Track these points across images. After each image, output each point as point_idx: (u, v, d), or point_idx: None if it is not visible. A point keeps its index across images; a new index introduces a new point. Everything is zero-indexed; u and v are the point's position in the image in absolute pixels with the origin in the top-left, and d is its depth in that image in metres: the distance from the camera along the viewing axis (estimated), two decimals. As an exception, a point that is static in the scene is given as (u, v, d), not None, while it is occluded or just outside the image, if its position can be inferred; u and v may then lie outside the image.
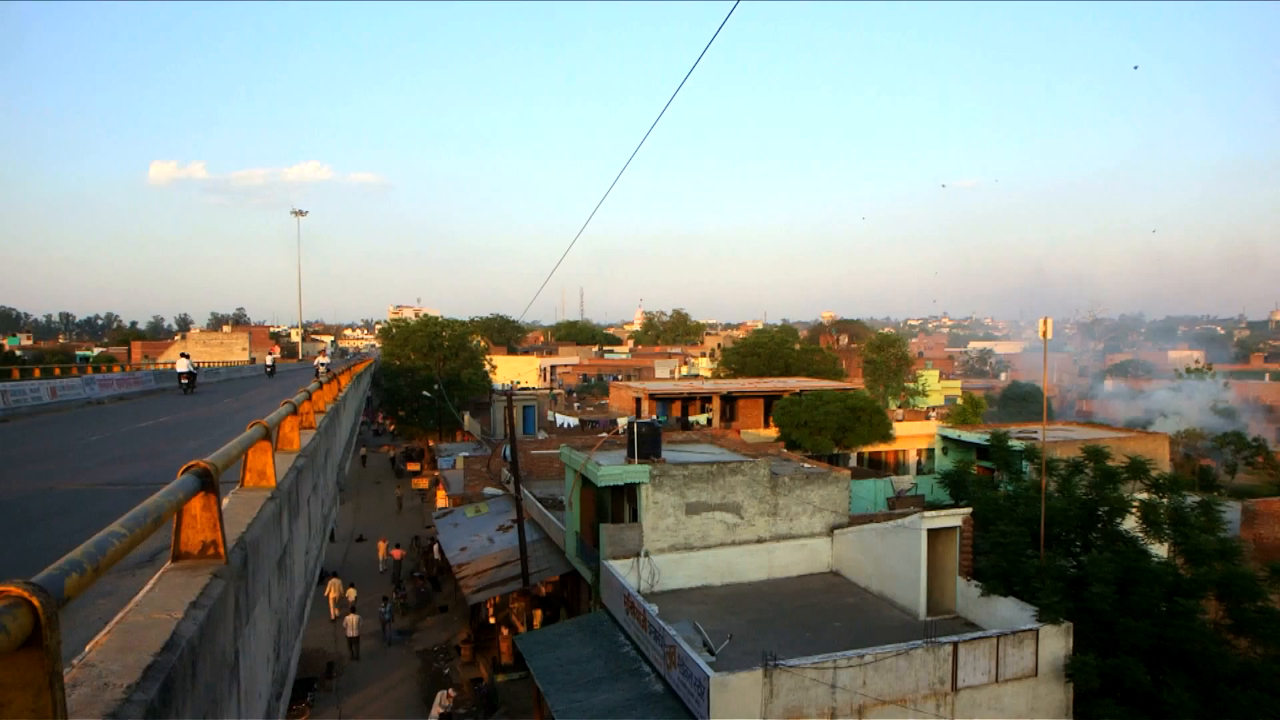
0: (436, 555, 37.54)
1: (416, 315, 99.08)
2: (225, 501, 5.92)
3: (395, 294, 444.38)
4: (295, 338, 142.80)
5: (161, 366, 58.89)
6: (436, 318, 77.69)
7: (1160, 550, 21.24)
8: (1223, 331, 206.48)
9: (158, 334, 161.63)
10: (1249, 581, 18.66)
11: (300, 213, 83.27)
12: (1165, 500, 21.32)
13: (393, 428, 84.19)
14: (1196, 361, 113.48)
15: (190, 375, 34.85)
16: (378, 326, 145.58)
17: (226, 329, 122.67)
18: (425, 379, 63.89)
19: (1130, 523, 21.41)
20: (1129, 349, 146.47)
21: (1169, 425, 66.83)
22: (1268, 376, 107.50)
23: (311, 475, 10.66)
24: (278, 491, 6.82)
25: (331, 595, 33.24)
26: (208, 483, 4.16)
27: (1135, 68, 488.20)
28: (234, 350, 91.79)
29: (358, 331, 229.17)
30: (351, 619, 30.65)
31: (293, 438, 9.93)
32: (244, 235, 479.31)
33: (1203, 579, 18.94)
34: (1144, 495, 21.73)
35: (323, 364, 40.61)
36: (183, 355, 37.40)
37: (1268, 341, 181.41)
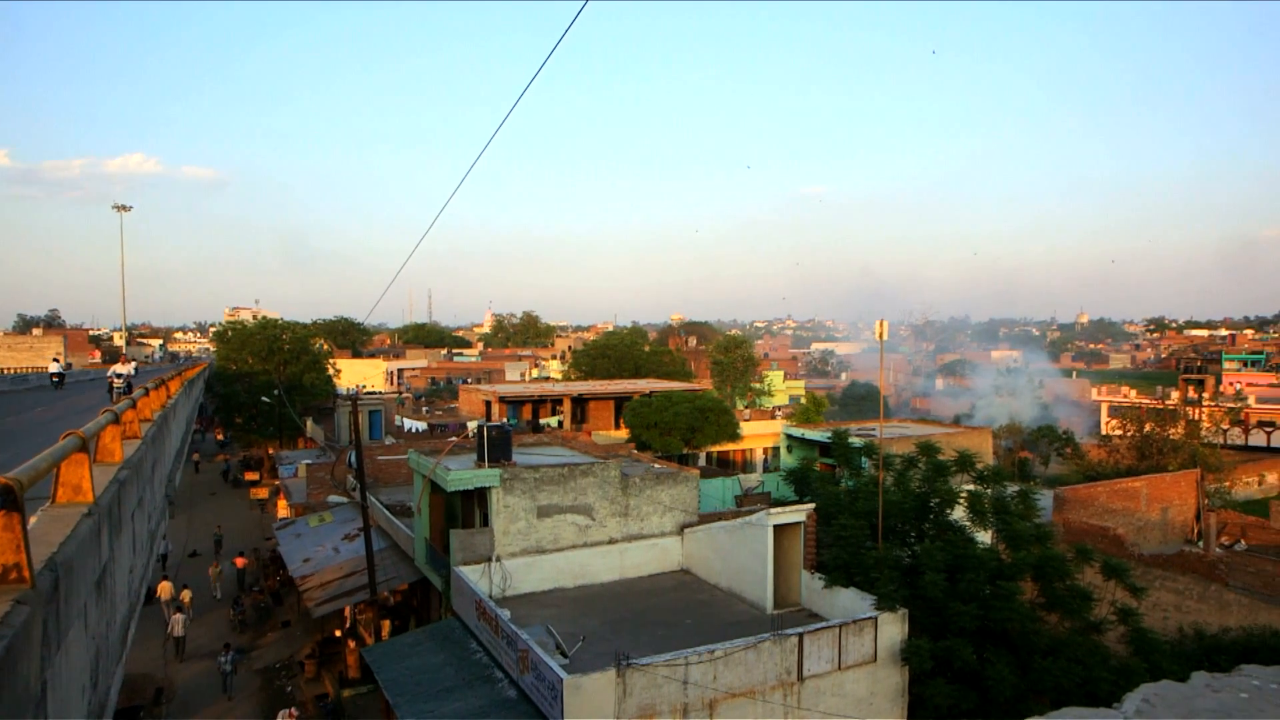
0: (281, 570, 35.85)
1: (254, 317, 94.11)
2: (33, 520, 5.45)
3: (231, 295, 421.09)
4: (119, 341, 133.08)
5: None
6: (276, 320, 74.14)
7: (985, 537, 22.76)
8: (1037, 333, 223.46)
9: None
10: (1059, 562, 20.27)
11: (123, 207, 77.50)
12: (989, 491, 22.86)
13: (220, 437, 79.77)
14: (1015, 361, 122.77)
15: (60, 375, 42.07)
16: (212, 329, 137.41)
17: (37, 332, 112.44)
18: (265, 384, 60.93)
19: (959, 512, 22.80)
20: (957, 349, 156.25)
21: (995, 410, 71.94)
22: (1075, 374, 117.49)
23: (136, 489, 9.95)
24: (95, 507, 6.33)
25: (163, 596, 31.89)
26: (9, 500, 3.82)
27: (933, 52, 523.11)
28: (45, 356, 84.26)
29: (190, 334, 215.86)
30: (177, 618, 29.93)
31: (114, 448, 9.29)
32: (57, 231, 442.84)
33: (1021, 562, 20.41)
34: (970, 486, 23.20)
35: (120, 375, 28.77)
36: (54, 359, 45.03)
37: (1074, 342, 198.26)
